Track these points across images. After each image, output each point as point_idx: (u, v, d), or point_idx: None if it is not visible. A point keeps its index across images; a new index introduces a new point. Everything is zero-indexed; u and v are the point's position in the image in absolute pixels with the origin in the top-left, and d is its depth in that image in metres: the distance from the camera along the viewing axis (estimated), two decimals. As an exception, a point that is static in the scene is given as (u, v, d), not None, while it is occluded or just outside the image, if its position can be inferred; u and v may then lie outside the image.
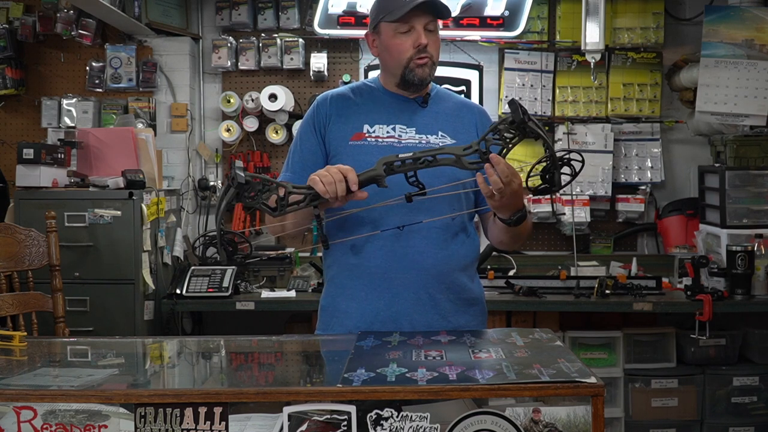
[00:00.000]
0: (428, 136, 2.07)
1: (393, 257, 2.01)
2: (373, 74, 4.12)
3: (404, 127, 2.08)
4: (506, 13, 4.12)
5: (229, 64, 4.29)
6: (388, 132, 2.07)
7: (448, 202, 2.02)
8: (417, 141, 2.06)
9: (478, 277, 2.18)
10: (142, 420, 1.42)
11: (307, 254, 4.13)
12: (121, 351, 1.99)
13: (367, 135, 2.06)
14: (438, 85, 2.21)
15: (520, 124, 1.75)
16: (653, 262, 4.16)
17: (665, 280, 3.84)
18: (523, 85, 4.27)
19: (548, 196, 4.17)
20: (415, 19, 2.01)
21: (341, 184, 1.80)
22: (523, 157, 3.95)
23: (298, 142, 2.14)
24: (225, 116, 4.34)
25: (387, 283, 2.01)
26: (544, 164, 1.79)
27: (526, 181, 1.81)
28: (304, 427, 1.42)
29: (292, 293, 3.73)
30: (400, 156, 1.84)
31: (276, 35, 4.28)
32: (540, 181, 1.82)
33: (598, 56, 3.92)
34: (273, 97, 4.15)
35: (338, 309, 2.08)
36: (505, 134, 1.79)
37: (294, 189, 1.82)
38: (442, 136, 2.08)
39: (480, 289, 2.17)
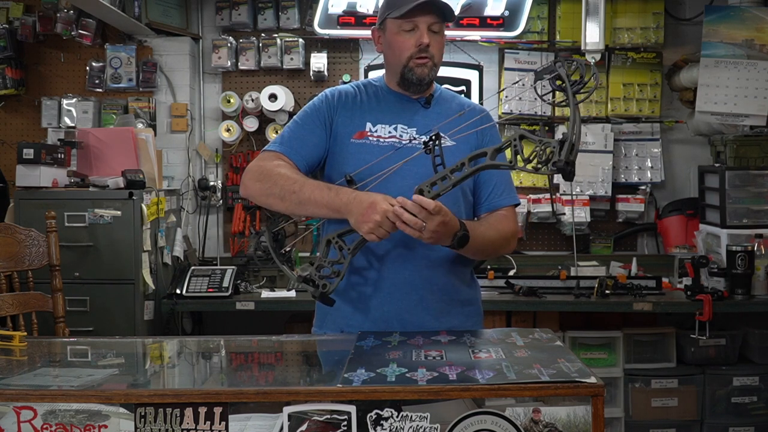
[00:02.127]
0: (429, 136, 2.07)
1: (387, 257, 2.01)
2: (373, 74, 4.15)
3: (405, 127, 2.08)
4: (506, 13, 4.12)
5: (229, 64, 4.29)
6: (389, 132, 2.07)
7: (447, 202, 2.01)
8: (418, 142, 2.05)
9: (475, 278, 2.18)
10: (142, 420, 1.42)
11: (307, 254, 4.13)
12: (121, 351, 1.99)
13: (369, 134, 2.06)
14: (441, 87, 2.21)
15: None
16: (653, 262, 4.16)
17: (665, 280, 3.84)
18: (523, 85, 4.27)
19: (548, 196, 4.18)
20: (420, 18, 2.01)
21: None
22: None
23: (300, 122, 2.10)
24: (225, 116, 4.33)
25: (380, 282, 2.02)
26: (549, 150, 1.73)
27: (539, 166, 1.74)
28: (304, 427, 1.42)
29: (292, 293, 3.73)
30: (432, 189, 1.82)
31: (276, 35, 4.28)
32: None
33: (598, 56, 3.92)
34: (273, 97, 4.15)
35: (331, 307, 2.08)
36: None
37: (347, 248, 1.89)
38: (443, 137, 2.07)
39: (475, 291, 2.16)
